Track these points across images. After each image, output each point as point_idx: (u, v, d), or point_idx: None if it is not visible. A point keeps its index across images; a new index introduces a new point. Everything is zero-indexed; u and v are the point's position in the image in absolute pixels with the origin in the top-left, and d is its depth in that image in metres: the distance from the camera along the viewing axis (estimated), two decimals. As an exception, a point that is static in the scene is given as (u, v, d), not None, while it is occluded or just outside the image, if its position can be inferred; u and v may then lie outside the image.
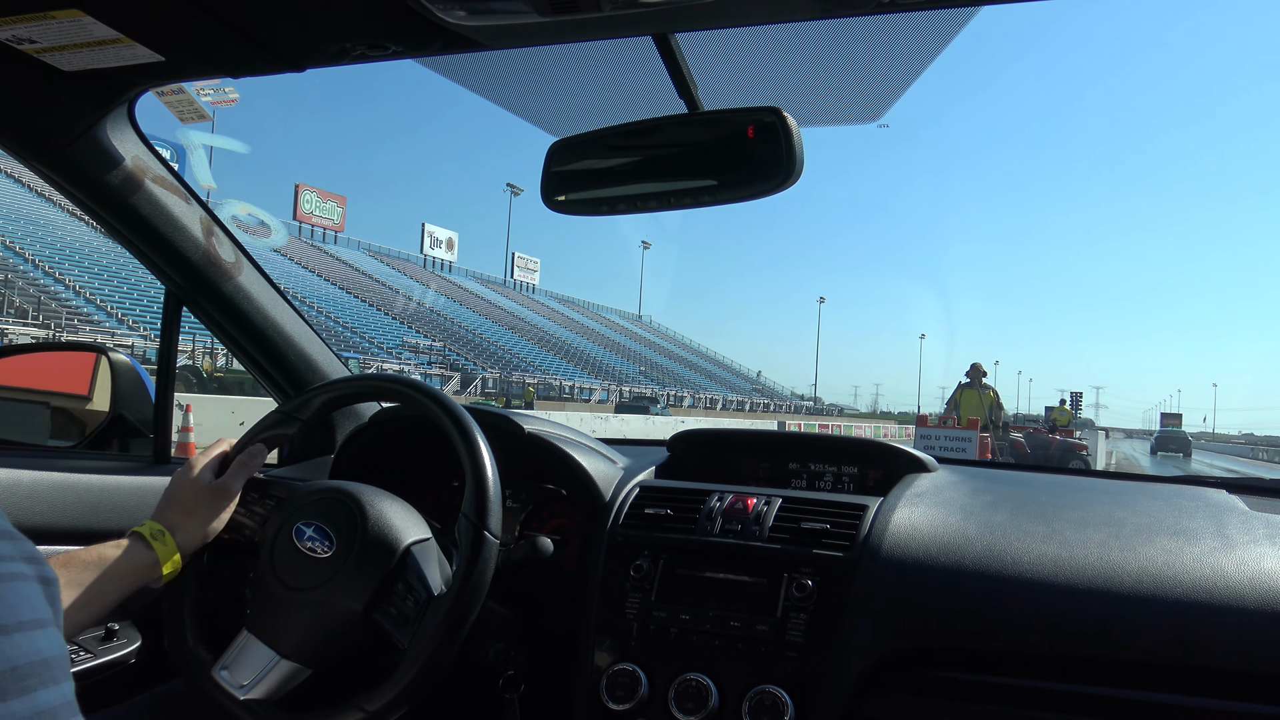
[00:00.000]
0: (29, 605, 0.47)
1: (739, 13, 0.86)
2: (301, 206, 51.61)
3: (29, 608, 0.47)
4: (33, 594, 0.48)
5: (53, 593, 0.50)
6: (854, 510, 1.19)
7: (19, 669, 0.44)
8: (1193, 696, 0.95)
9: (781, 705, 1.05)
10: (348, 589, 0.96)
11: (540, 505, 1.39)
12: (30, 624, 0.47)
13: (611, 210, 1.07)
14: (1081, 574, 1.02)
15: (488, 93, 1.20)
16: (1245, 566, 0.99)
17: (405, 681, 0.90)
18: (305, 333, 1.54)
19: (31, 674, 0.45)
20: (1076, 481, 1.39)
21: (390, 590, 0.97)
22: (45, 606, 0.49)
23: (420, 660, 0.91)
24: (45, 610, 0.48)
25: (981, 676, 1.03)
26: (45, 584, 0.50)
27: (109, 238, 1.35)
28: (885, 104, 1.16)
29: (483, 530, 0.96)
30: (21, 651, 0.45)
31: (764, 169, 0.98)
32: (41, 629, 0.47)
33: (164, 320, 1.47)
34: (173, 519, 1.04)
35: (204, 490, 1.07)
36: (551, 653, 1.23)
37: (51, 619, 0.49)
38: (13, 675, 0.43)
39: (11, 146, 1.13)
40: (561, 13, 0.82)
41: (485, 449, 1.01)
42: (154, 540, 1.00)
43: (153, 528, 1.02)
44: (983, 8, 0.87)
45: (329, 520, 1.00)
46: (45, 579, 0.50)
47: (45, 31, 0.93)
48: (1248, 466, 33.04)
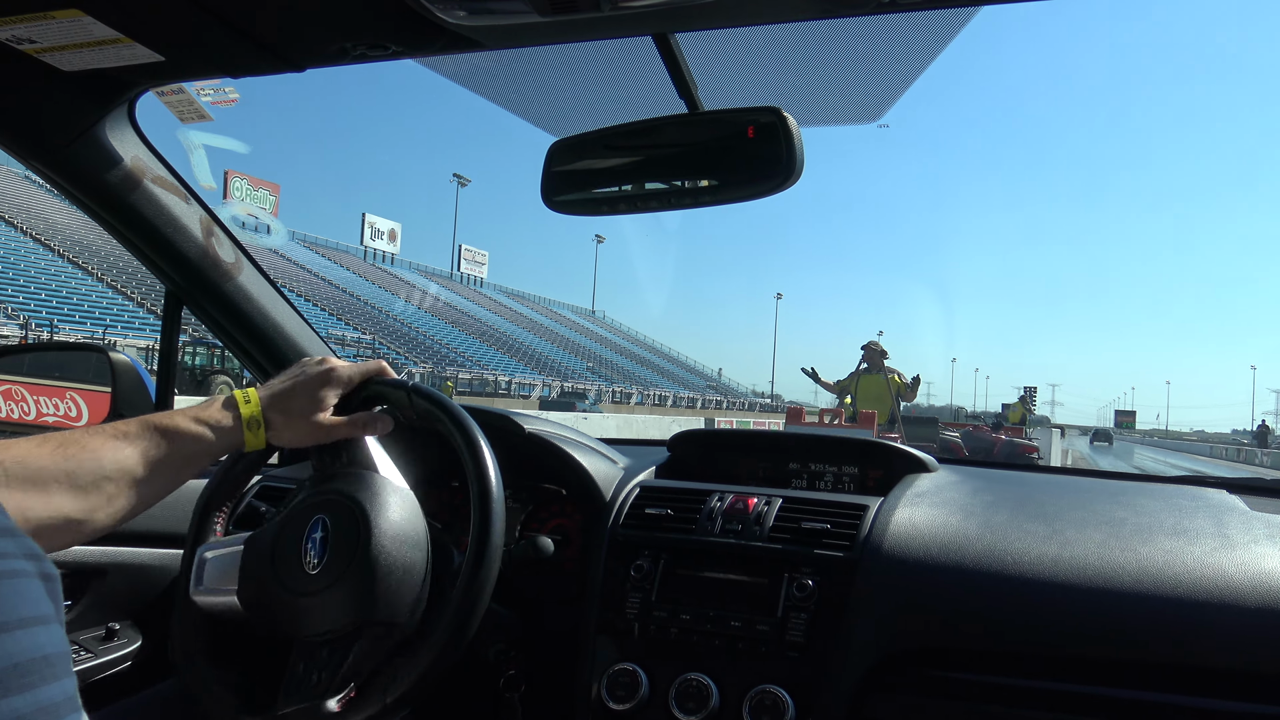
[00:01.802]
0: (30, 602, 0.48)
1: (739, 13, 0.86)
2: (231, 194, 49.38)
3: (30, 604, 0.48)
4: (34, 590, 0.48)
5: (54, 589, 0.50)
6: (854, 510, 1.19)
7: (20, 665, 0.44)
8: (1193, 696, 0.95)
9: (782, 705, 1.05)
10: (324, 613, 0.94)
11: (540, 505, 1.39)
12: (32, 620, 0.47)
13: (612, 210, 1.07)
14: (1082, 574, 1.02)
15: (488, 93, 1.20)
16: (1245, 566, 0.99)
17: (405, 685, 0.90)
18: (306, 333, 1.54)
19: (33, 670, 0.45)
20: (1077, 482, 1.39)
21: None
22: (47, 603, 0.49)
23: (421, 665, 0.91)
24: (47, 606, 0.49)
25: (982, 676, 1.03)
26: (47, 580, 0.50)
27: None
28: (885, 104, 1.16)
29: (486, 536, 0.95)
30: (23, 648, 0.45)
31: (764, 169, 0.98)
32: (43, 625, 0.47)
33: (164, 320, 1.47)
34: (276, 417, 0.96)
35: (317, 412, 0.97)
36: (552, 653, 1.23)
37: (53, 615, 0.49)
38: (14, 672, 0.44)
39: (11, 146, 1.13)
40: (561, 13, 0.82)
41: (487, 451, 1.00)
42: (248, 429, 0.94)
43: (252, 417, 0.94)
44: (982, 8, 0.88)
45: (332, 528, 0.97)
46: (46, 575, 0.50)
47: (45, 31, 0.93)
48: (1203, 465, 33.24)
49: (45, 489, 0.80)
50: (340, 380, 1.00)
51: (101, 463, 0.84)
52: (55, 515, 0.81)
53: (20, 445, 0.81)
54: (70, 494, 0.82)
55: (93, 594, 1.28)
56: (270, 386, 0.99)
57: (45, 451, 0.82)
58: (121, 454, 0.86)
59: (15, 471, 0.79)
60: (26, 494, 0.79)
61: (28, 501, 0.79)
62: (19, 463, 0.80)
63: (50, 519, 0.81)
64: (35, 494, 0.80)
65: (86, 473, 0.83)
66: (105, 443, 0.86)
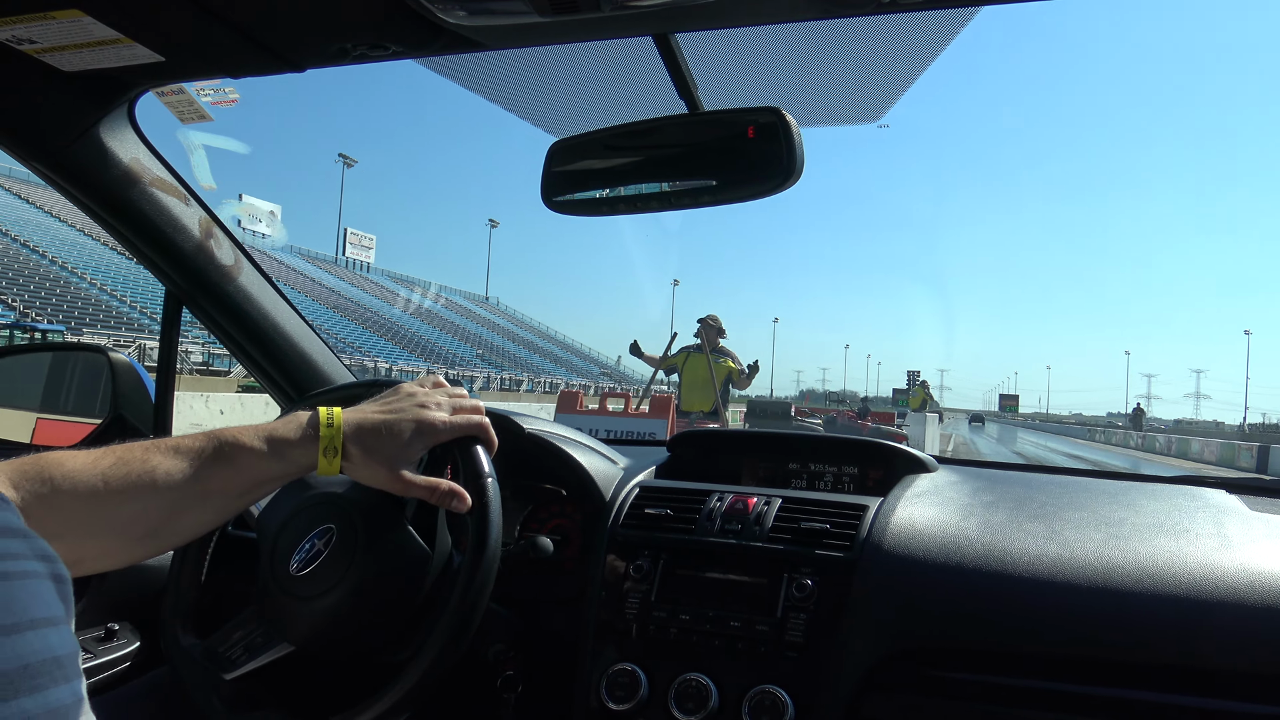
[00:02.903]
0: (41, 603, 0.48)
1: (739, 13, 0.86)
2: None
3: (41, 605, 0.48)
4: (45, 592, 0.49)
5: (65, 590, 0.50)
6: (854, 510, 1.19)
7: (30, 667, 0.44)
8: (1192, 696, 0.95)
9: (781, 705, 1.05)
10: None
11: (540, 505, 1.39)
12: (43, 622, 0.47)
13: (612, 211, 1.07)
14: (1081, 574, 1.02)
15: (488, 93, 1.20)
16: (1245, 566, 1.00)
17: (405, 689, 0.90)
18: (306, 333, 1.54)
19: (43, 672, 0.45)
20: (1076, 482, 1.39)
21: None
22: (58, 604, 0.49)
23: (421, 667, 0.91)
24: (58, 608, 0.49)
25: (982, 676, 1.03)
26: (58, 581, 0.50)
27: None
28: (885, 104, 1.17)
29: (485, 536, 0.95)
30: (34, 649, 0.45)
31: (764, 169, 0.98)
32: (53, 627, 0.48)
33: (164, 320, 1.47)
34: (356, 450, 0.87)
35: (401, 465, 0.89)
36: (551, 653, 1.23)
37: (64, 616, 0.49)
38: (25, 673, 0.44)
39: (11, 146, 1.13)
40: (561, 13, 0.82)
41: (485, 452, 1.00)
42: (324, 455, 0.86)
43: (331, 444, 0.86)
44: (983, 8, 0.88)
45: (331, 544, 0.95)
46: (58, 576, 0.50)
47: (45, 31, 0.93)
48: (1083, 449, 33.20)
49: (91, 508, 0.76)
50: (436, 436, 0.92)
51: (156, 483, 0.79)
52: (101, 535, 0.78)
53: (77, 459, 0.77)
54: (119, 515, 0.78)
55: (93, 594, 1.28)
56: (362, 412, 0.90)
57: (99, 471, 0.77)
58: (176, 475, 0.80)
59: (64, 487, 0.75)
60: (73, 513, 0.75)
61: (72, 519, 0.75)
62: (69, 478, 0.75)
63: (95, 540, 0.78)
64: (81, 513, 0.76)
65: (138, 495, 0.78)
66: (163, 462, 0.80)
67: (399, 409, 0.91)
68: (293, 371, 1.51)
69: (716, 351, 8.18)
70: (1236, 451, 26.89)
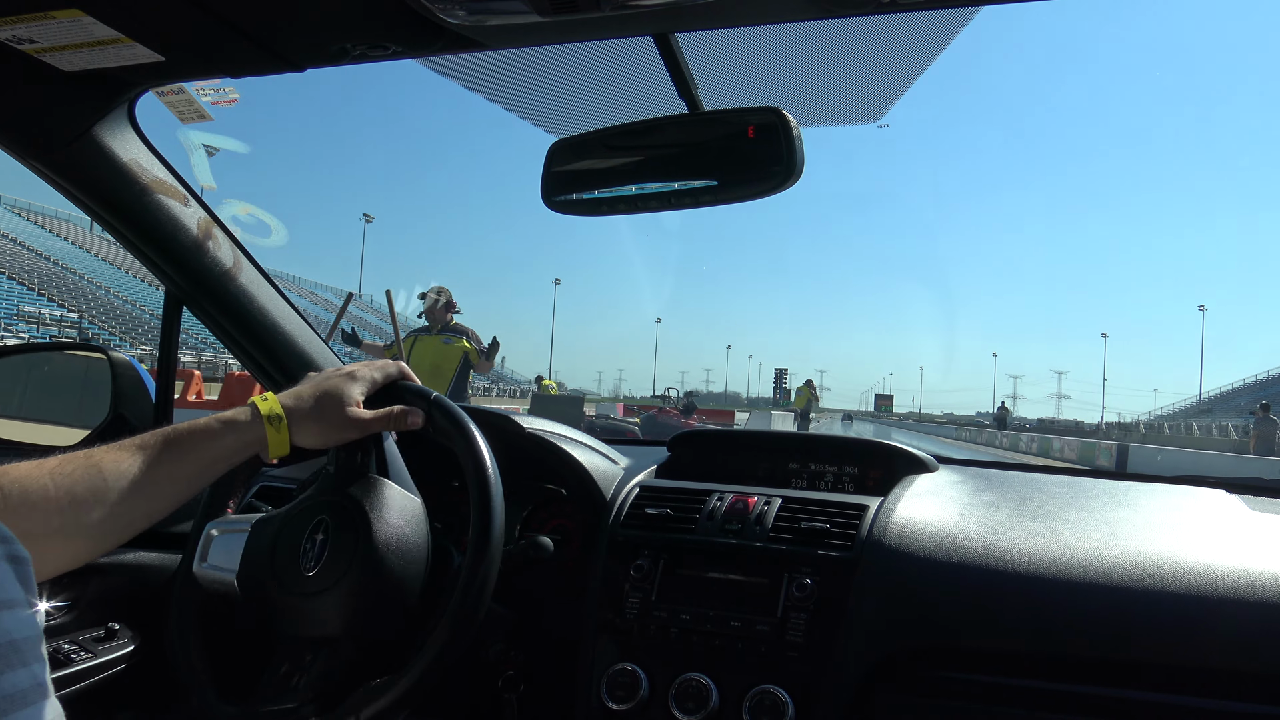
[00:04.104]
0: None
1: (739, 13, 0.86)
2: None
3: None
4: (2, 574, 0.47)
5: (24, 572, 0.49)
6: (854, 510, 1.19)
7: None
8: (1192, 696, 0.95)
9: (782, 705, 1.05)
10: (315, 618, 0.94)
11: (540, 505, 1.39)
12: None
13: (612, 210, 1.07)
14: (1081, 574, 1.02)
15: (488, 93, 1.20)
16: (1244, 566, 0.99)
17: (406, 686, 0.90)
18: (306, 333, 1.54)
19: None
20: (1076, 481, 1.39)
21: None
22: (15, 586, 0.48)
23: (421, 665, 0.91)
24: (16, 590, 0.47)
25: (982, 676, 1.03)
26: (15, 563, 0.49)
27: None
28: (885, 104, 1.17)
29: (486, 536, 0.95)
30: None
31: (764, 169, 0.98)
32: (9, 610, 0.46)
33: (164, 320, 1.47)
34: (299, 412, 0.94)
35: (345, 406, 0.96)
36: (551, 653, 1.23)
37: (22, 599, 0.48)
38: None
39: (11, 146, 1.13)
40: (561, 13, 0.82)
41: (487, 452, 1.00)
42: (270, 424, 0.92)
43: (273, 411, 0.93)
44: (983, 8, 0.88)
45: (333, 533, 0.96)
46: (15, 557, 0.49)
47: (45, 31, 0.93)
48: (949, 449, 33.33)
49: (45, 510, 0.78)
50: (364, 379, 0.99)
51: (104, 477, 0.82)
52: (59, 535, 0.79)
53: (21, 468, 0.79)
54: (73, 511, 0.80)
55: (93, 594, 1.28)
56: (290, 390, 0.97)
57: (45, 471, 0.80)
58: (123, 465, 0.84)
59: (14, 493, 0.77)
60: (28, 518, 0.77)
61: (29, 524, 0.77)
62: (17, 483, 0.78)
63: (54, 539, 0.79)
64: (37, 516, 0.78)
65: (87, 489, 0.81)
66: (107, 455, 0.84)
67: (324, 375, 0.99)
68: (294, 371, 1.51)
69: (448, 331, 6.67)
70: (1096, 450, 26.28)
